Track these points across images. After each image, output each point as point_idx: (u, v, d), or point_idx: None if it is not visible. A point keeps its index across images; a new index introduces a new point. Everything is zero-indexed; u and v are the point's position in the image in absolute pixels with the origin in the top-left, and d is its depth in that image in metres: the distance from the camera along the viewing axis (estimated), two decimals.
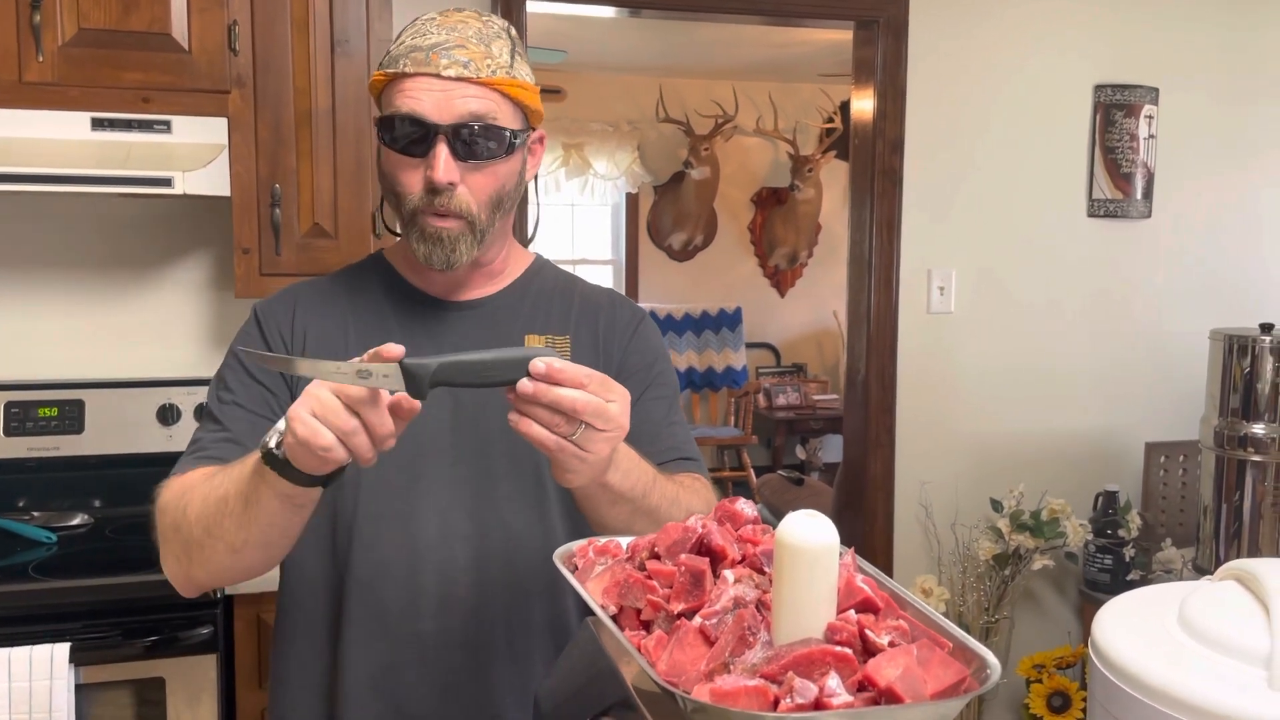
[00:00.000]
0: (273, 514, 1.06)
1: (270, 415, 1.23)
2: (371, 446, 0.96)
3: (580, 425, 0.97)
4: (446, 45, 1.18)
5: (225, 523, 1.09)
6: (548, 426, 0.96)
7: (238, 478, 1.07)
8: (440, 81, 1.17)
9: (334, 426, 0.94)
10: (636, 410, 1.26)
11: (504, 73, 1.20)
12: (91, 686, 1.90)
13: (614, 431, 0.99)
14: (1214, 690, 0.94)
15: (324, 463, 0.97)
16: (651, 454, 1.24)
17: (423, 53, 1.18)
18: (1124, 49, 3.13)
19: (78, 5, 2.05)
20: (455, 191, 1.19)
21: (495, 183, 1.22)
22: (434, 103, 1.17)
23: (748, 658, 0.72)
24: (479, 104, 1.18)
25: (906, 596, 0.79)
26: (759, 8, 2.92)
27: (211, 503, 1.10)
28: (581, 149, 6.55)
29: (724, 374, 6.88)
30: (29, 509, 2.32)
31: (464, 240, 1.22)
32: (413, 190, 1.20)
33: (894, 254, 3.03)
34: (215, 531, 1.10)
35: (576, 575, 0.91)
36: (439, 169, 1.17)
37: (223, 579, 1.18)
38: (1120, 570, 2.92)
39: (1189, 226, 3.24)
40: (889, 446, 3.08)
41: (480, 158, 1.19)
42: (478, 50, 1.19)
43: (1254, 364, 2.60)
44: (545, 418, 0.96)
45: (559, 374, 0.96)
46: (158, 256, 2.51)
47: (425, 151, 1.18)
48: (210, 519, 1.10)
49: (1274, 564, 1.08)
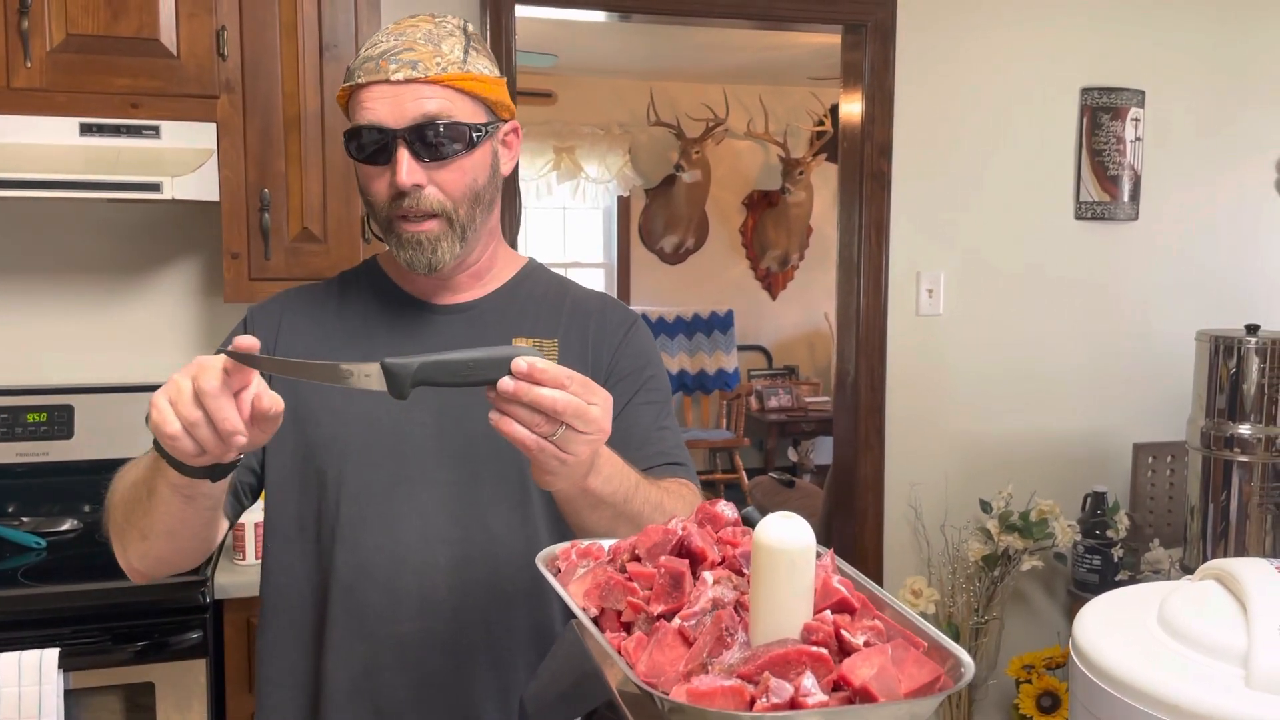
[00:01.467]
0: (167, 503, 1.07)
1: None
2: (216, 441, 0.93)
3: (561, 426, 0.96)
4: (395, 50, 1.19)
5: (136, 510, 1.11)
6: (528, 426, 0.96)
7: (145, 465, 1.09)
8: (390, 87, 1.18)
9: (180, 415, 0.92)
10: (626, 414, 1.28)
11: (455, 68, 1.20)
12: (81, 691, 1.90)
13: (595, 434, 0.99)
14: (1192, 689, 0.94)
15: (177, 451, 0.95)
16: (640, 459, 1.23)
17: (373, 61, 1.19)
18: (1110, 53, 3.15)
19: (66, 11, 2.05)
20: (423, 193, 1.20)
21: (464, 178, 1.22)
22: (388, 108, 1.18)
23: (725, 658, 0.72)
24: (433, 104, 1.19)
25: (884, 597, 0.80)
26: (748, 12, 2.94)
27: (127, 488, 1.13)
28: (573, 152, 6.56)
29: (716, 376, 6.89)
30: (18, 514, 2.32)
31: (445, 240, 1.22)
32: (381, 197, 1.22)
33: (883, 256, 3.04)
34: (131, 518, 1.13)
35: (559, 578, 0.92)
36: (401, 172, 1.18)
37: (151, 568, 1.19)
38: (1109, 570, 2.93)
39: (1175, 228, 3.26)
40: (879, 448, 3.10)
41: (443, 156, 1.20)
42: (425, 50, 1.20)
43: (1240, 365, 2.62)
44: (525, 417, 0.96)
45: (540, 374, 0.95)
46: (147, 261, 2.51)
47: (387, 158, 1.19)
48: (128, 505, 1.13)
49: (1252, 563, 1.09)
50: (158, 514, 1.09)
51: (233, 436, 0.93)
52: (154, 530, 1.11)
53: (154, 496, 1.07)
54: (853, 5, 2.98)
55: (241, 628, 2.04)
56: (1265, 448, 2.60)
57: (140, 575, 1.21)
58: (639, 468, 1.25)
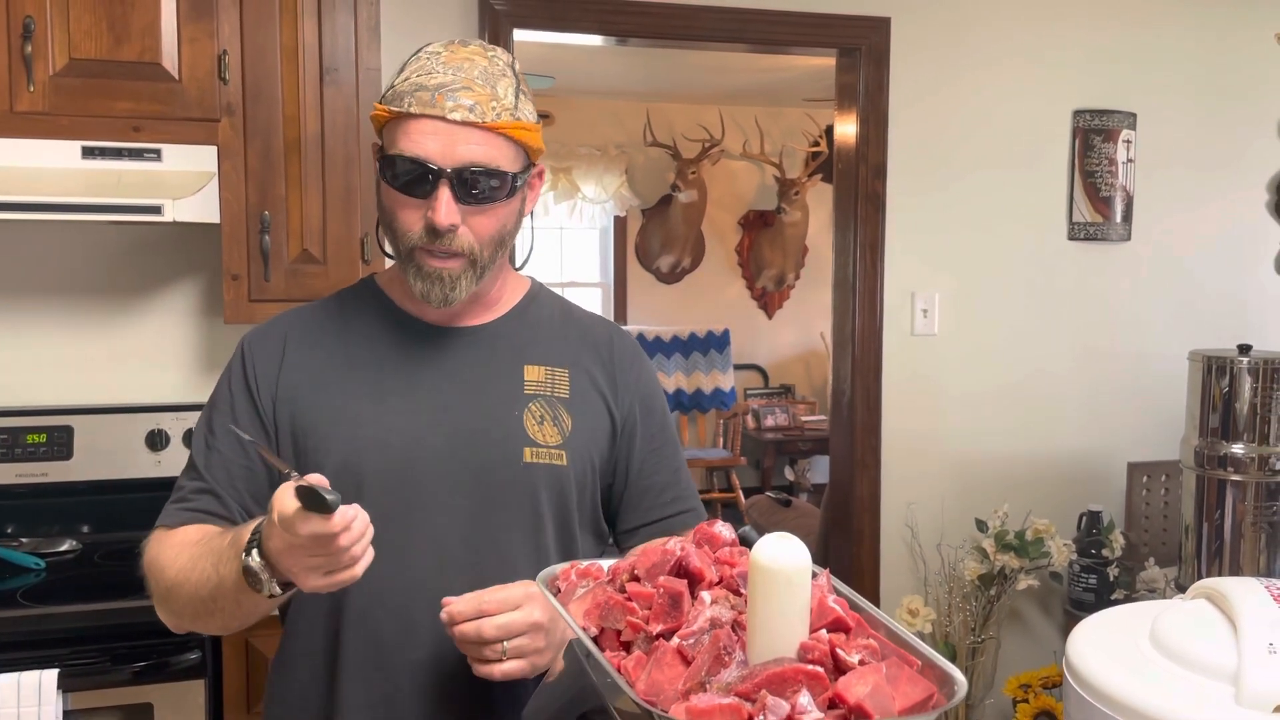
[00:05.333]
0: (248, 612, 1.16)
1: (249, 463, 1.27)
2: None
3: (504, 644, 1.08)
4: (452, 87, 1.18)
5: (216, 616, 1.17)
6: (482, 661, 1.09)
7: (222, 590, 1.13)
8: (445, 125, 1.17)
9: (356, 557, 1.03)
10: (649, 461, 1.35)
11: (508, 115, 1.20)
12: (80, 713, 1.90)
13: (529, 632, 1.10)
14: (1183, 707, 0.96)
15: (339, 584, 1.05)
16: (661, 506, 1.32)
17: (428, 93, 1.18)
18: (1102, 76, 3.18)
19: (69, 35, 2.07)
20: (456, 233, 1.20)
21: (496, 223, 1.23)
22: (439, 146, 1.17)
23: (723, 677, 0.74)
24: (482, 150, 1.18)
25: (879, 616, 0.82)
26: (743, 36, 2.97)
27: (200, 601, 1.17)
28: (570, 173, 6.59)
29: (712, 395, 6.90)
30: (17, 535, 2.33)
31: (465, 278, 1.23)
32: (412, 229, 1.21)
33: (878, 277, 3.07)
34: (205, 619, 1.19)
35: (559, 598, 0.93)
36: (440, 213, 1.17)
37: (198, 630, 1.28)
38: (1104, 589, 2.94)
39: (1168, 249, 3.29)
40: (875, 468, 3.11)
41: (482, 201, 1.20)
42: (484, 92, 1.19)
43: (1232, 384, 2.64)
44: (475, 655, 1.08)
45: (460, 615, 1.09)
46: (147, 283, 2.52)
47: (426, 193, 1.18)
48: (199, 609, 1.18)
49: (1243, 583, 1.10)
50: (253, 617, 1.18)
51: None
52: (217, 625, 1.21)
53: (247, 609, 1.15)
54: (847, 29, 3.01)
55: (240, 648, 2.04)
56: (1258, 467, 2.61)
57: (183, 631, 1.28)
58: (661, 515, 1.33)
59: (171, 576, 1.18)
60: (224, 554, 1.11)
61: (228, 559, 1.10)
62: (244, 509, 1.25)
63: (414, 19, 2.61)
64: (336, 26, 2.23)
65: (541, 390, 1.30)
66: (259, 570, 1.05)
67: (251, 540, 1.06)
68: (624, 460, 1.34)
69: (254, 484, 1.26)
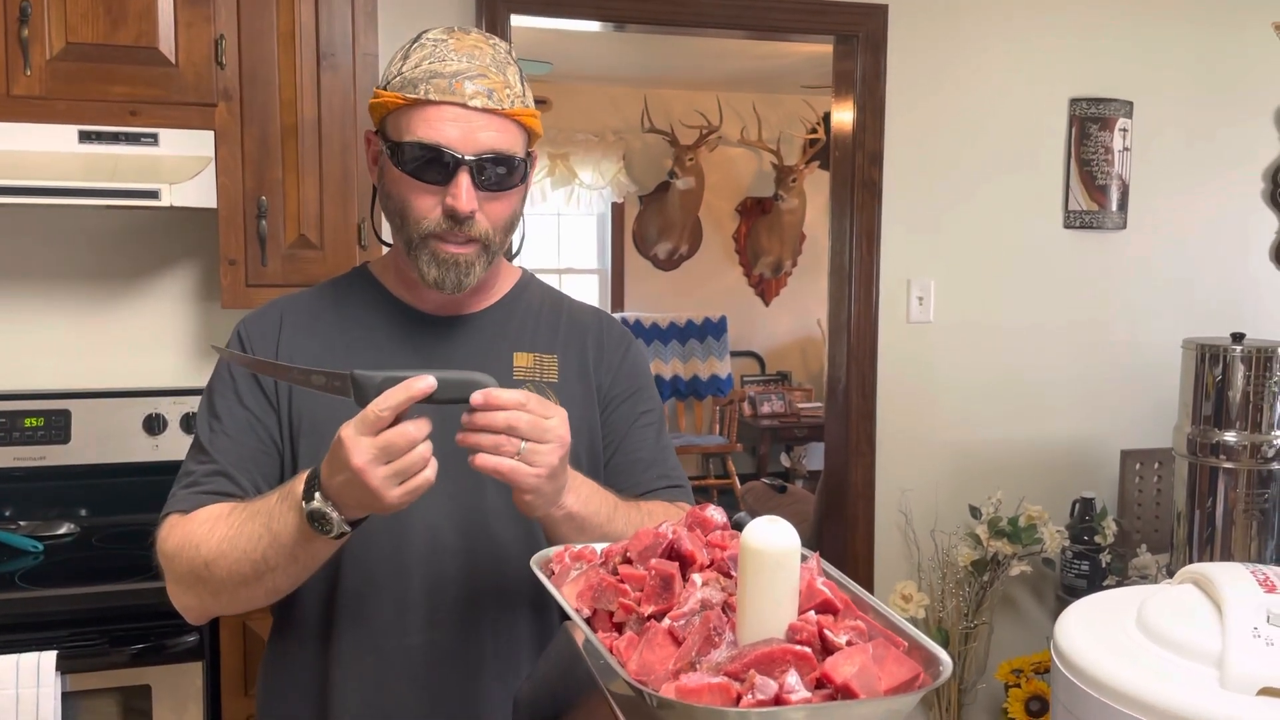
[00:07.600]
0: (327, 554, 1.14)
1: (258, 443, 1.26)
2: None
3: (523, 443, 1.05)
4: (469, 74, 1.18)
5: (264, 579, 1.14)
6: (494, 449, 1.04)
7: (277, 546, 1.11)
8: (466, 112, 1.18)
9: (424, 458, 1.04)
10: (630, 437, 1.35)
11: (520, 102, 1.22)
12: (78, 694, 1.92)
13: (555, 443, 1.06)
14: (1169, 690, 0.97)
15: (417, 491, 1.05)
16: (645, 481, 1.31)
17: (445, 80, 1.18)
18: (1099, 64, 3.19)
19: (65, 19, 2.07)
20: (474, 219, 1.21)
21: (509, 208, 1.24)
22: (459, 133, 1.18)
23: (713, 657, 0.75)
24: (499, 137, 1.19)
25: (866, 598, 0.83)
26: (741, 22, 2.97)
27: (250, 564, 1.13)
28: (567, 159, 6.59)
29: (709, 382, 6.91)
30: (16, 518, 2.34)
31: (478, 263, 1.24)
32: (428, 215, 1.21)
33: (874, 264, 3.07)
34: (251, 585, 1.15)
35: (553, 580, 0.94)
36: (462, 199, 1.18)
37: (219, 612, 1.25)
38: (1097, 576, 2.96)
39: (1163, 237, 3.30)
40: (869, 454, 3.12)
41: (499, 188, 1.21)
42: (498, 80, 1.20)
43: (1225, 372, 2.65)
44: (489, 442, 1.04)
45: (496, 400, 1.04)
46: (144, 268, 2.53)
47: (444, 180, 1.19)
48: (246, 576, 1.14)
49: (1229, 568, 1.11)
50: (309, 569, 1.15)
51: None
52: (262, 591, 1.16)
53: (307, 559, 1.12)
54: (845, 16, 3.01)
55: (237, 631, 2.06)
56: (1250, 454, 2.63)
57: (209, 619, 1.27)
58: (644, 489, 1.32)
59: (211, 549, 1.16)
60: (275, 510, 1.11)
61: (281, 513, 1.10)
62: (256, 488, 1.25)
63: (411, 3, 2.61)
64: (333, 11, 2.22)
65: (530, 376, 1.31)
66: (327, 509, 1.05)
67: (309, 487, 1.06)
68: (611, 436, 1.36)
69: (264, 464, 1.27)
